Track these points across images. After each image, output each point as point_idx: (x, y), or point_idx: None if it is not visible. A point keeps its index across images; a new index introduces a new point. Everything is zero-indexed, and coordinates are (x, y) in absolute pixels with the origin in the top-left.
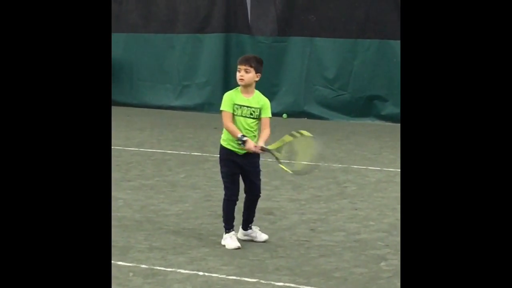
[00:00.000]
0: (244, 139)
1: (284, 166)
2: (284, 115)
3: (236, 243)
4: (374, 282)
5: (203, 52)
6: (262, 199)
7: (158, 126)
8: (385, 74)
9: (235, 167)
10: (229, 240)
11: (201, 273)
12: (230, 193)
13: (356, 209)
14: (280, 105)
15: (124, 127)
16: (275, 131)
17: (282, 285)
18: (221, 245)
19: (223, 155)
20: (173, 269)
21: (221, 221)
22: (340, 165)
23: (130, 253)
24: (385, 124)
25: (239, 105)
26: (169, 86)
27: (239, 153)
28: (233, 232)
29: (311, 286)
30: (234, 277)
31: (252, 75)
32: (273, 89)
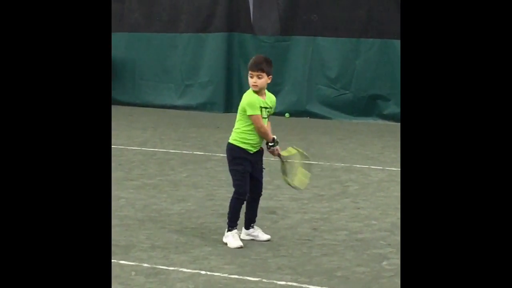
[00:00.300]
0: (277, 141)
1: (287, 178)
2: (287, 114)
3: (238, 242)
4: (376, 281)
5: (205, 51)
6: (264, 198)
7: (161, 126)
8: (388, 74)
9: (249, 166)
10: (232, 239)
11: (203, 272)
12: (242, 191)
13: (358, 208)
14: (283, 104)
15: (127, 126)
16: (278, 130)
17: (284, 284)
18: (223, 243)
19: (238, 153)
20: (175, 268)
21: (223, 220)
22: (342, 164)
23: (132, 252)
24: (387, 123)
25: (262, 108)
26: (171, 85)
27: (251, 152)
28: (236, 231)
29: (313, 285)
30: (236, 276)
31: (264, 80)
32: (275, 88)
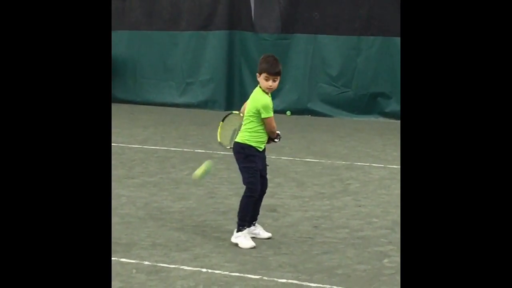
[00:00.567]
0: (280, 136)
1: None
2: (288, 112)
3: (251, 242)
4: (377, 279)
5: (206, 49)
6: (265, 196)
7: (162, 124)
8: (389, 71)
9: (260, 163)
10: (244, 239)
11: (204, 269)
12: (255, 188)
13: (359, 206)
14: (284, 102)
15: (128, 124)
16: (279, 129)
17: (285, 282)
18: (224, 241)
19: (251, 152)
20: (176, 266)
21: (224, 218)
22: (343, 162)
23: (133, 250)
24: (388, 121)
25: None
26: (172, 83)
27: (260, 150)
28: (247, 230)
29: (314, 282)
30: (237, 274)
31: (278, 82)
32: None
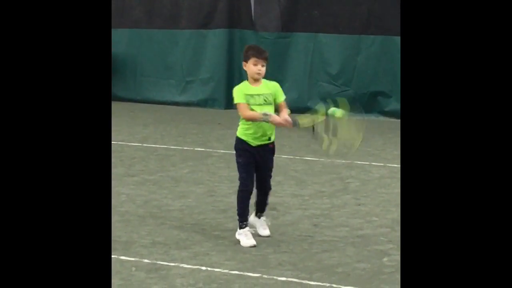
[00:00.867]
0: (268, 114)
1: (325, 142)
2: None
3: (251, 241)
4: (376, 278)
5: (206, 47)
6: None
7: (162, 122)
8: (389, 70)
9: (250, 157)
10: (244, 238)
11: (204, 267)
12: (244, 183)
13: (359, 205)
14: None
15: (128, 122)
16: (279, 127)
17: (284, 280)
18: (223, 239)
19: (238, 145)
20: (176, 264)
21: (224, 216)
22: (343, 160)
23: (133, 248)
24: (388, 120)
25: (251, 95)
26: (172, 81)
27: (253, 145)
28: (248, 228)
29: (313, 281)
30: (236, 272)
31: (265, 68)
32: None
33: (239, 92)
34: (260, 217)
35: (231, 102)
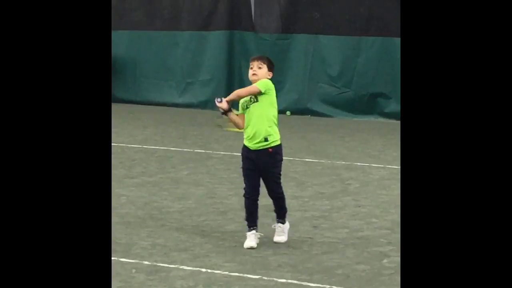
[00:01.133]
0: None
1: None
2: (288, 112)
3: (250, 242)
4: (376, 279)
5: (206, 49)
6: (265, 196)
7: (162, 123)
8: (389, 72)
9: (250, 163)
10: (247, 239)
11: (204, 269)
12: (246, 190)
13: (359, 206)
14: (284, 102)
15: (128, 124)
16: (279, 128)
17: (284, 282)
18: (223, 241)
19: (242, 151)
20: (176, 266)
21: (224, 218)
22: (343, 162)
23: (133, 249)
24: (388, 121)
25: (245, 100)
26: (172, 83)
27: (251, 149)
28: (254, 231)
29: (313, 282)
30: (236, 274)
31: (264, 71)
32: (276, 86)
33: (240, 103)
34: (278, 222)
35: (231, 104)
